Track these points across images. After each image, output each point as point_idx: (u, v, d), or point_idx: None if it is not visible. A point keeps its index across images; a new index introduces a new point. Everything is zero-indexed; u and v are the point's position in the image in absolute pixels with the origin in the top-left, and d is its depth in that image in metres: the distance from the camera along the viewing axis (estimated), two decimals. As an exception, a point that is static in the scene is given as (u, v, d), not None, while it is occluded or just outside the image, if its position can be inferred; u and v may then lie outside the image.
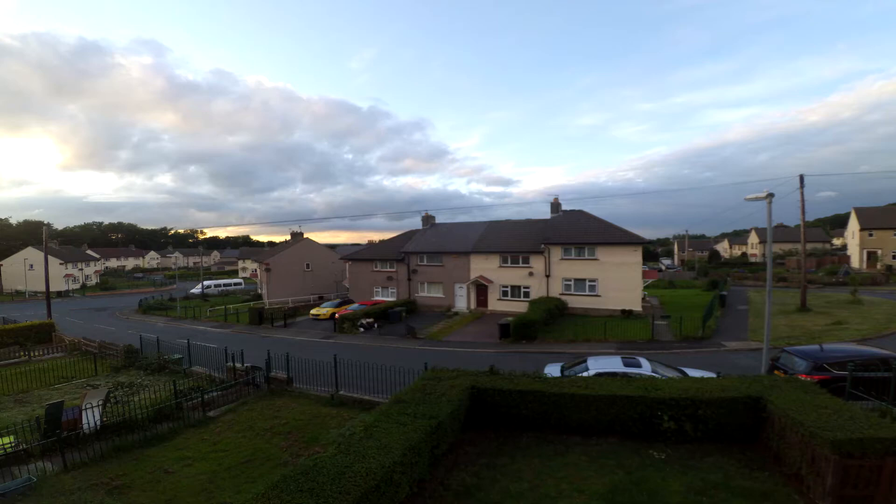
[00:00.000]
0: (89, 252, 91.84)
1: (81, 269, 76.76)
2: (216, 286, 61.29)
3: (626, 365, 12.46)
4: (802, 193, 26.98)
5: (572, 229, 31.84)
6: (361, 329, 27.97)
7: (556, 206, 35.76)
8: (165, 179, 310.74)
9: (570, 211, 35.65)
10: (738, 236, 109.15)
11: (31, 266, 64.99)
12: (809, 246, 66.57)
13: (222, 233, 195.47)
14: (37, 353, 23.80)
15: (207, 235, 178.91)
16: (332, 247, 68.99)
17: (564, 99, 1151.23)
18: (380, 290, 38.08)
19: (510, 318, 24.13)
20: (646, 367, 12.18)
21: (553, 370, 13.48)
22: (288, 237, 54.16)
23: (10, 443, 10.63)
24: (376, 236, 43.68)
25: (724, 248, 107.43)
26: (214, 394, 14.68)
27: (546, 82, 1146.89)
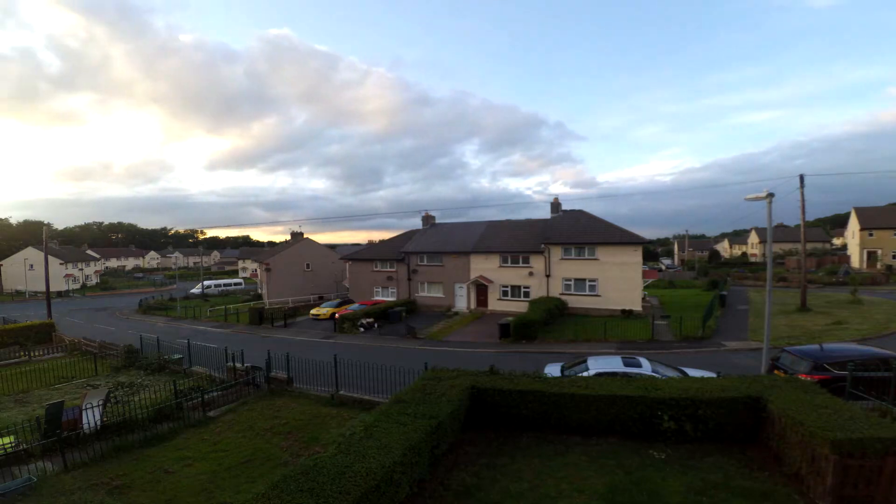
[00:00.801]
0: (89, 252, 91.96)
1: (81, 269, 76.77)
2: (216, 286, 61.34)
3: (626, 365, 12.46)
4: (802, 193, 27.24)
5: (572, 229, 31.84)
6: (361, 329, 27.98)
7: (556, 205, 35.75)
8: (285, 181, 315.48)
9: (571, 211, 35.65)
10: (738, 236, 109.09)
11: (32, 266, 65.00)
12: (809, 246, 66.46)
13: (252, 232, 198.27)
14: (37, 353, 23.80)
15: (207, 235, 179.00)
16: (333, 247, 69.07)
17: (590, 101, 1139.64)
18: (380, 290, 38.08)
19: (510, 318, 24.13)
20: (646, 367, 12.18)
21: (553, 370, 13.46)
22: (288, 237, 54.20)
23: (11, 443, 10.63)
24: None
25: (724, 247, 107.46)
26: (215, 394, 14.68)
27: (573, 83, 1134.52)
